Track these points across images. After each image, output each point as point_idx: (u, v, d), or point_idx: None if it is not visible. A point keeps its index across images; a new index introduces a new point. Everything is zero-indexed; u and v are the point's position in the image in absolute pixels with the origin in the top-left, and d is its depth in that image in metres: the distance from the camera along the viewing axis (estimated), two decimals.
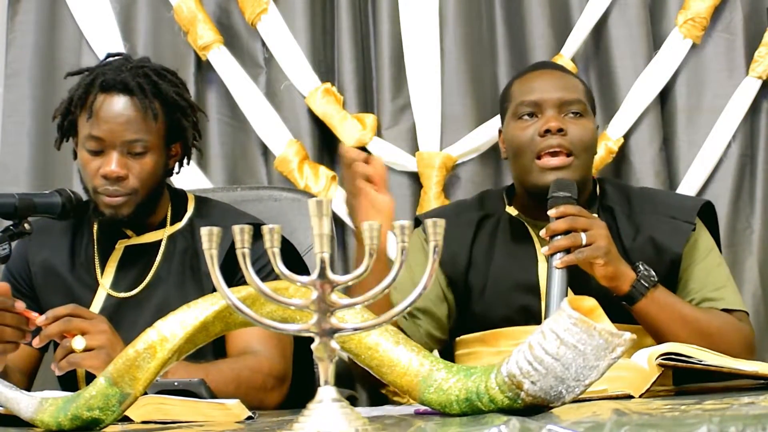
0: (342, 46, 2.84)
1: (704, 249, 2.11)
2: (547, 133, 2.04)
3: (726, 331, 2.01)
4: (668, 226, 2.09)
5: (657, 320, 1.96)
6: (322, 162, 2.83)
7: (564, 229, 1.91)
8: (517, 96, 2.11)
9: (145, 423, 1.51)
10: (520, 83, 2.14)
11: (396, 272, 1.22)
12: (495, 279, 2.11)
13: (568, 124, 2.06)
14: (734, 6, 2.76)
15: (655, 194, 2.23)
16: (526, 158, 2.06)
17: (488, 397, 1.29)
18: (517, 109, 2.10)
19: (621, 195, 2.16)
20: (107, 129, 2.05)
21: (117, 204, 2.06)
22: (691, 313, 2.00)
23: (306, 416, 1.20)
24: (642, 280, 1.95)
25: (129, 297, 2.12)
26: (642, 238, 2.08)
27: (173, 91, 2.12)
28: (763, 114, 2.77)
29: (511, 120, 2.11)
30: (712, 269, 2.10)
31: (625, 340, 1.25)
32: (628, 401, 1.51)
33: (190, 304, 1.39)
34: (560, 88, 2.10)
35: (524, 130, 2.07)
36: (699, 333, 1.96)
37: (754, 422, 1.04)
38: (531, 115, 2.08)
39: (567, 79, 2.15)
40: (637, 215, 2.11)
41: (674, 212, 2.11)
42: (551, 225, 1.92)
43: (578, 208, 1.95)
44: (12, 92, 2.95)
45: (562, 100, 2.08)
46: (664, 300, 1.97)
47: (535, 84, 2.12)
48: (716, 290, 2.07)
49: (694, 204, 2.16)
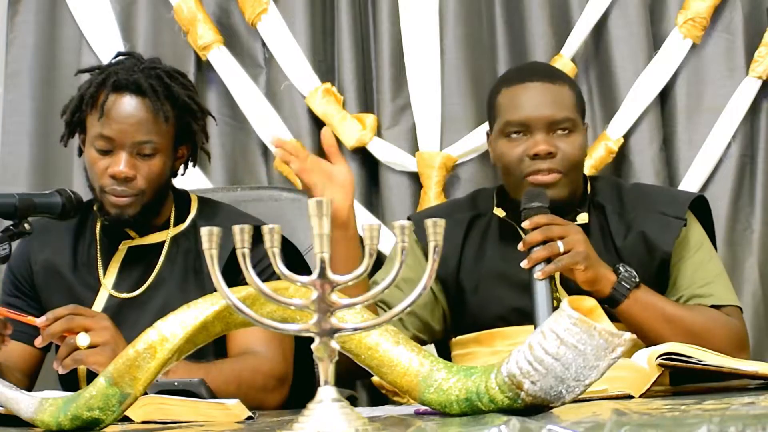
0: (342, 46, 2.84)
1: (694, 244, 2.10)
2: (537, 157, 2.04)
3: (711, 327, 2.00)
4: (659, 222, 2.08)
5: (640, 320, 1.95)
6: None
7: (540, 239, 1.91)
8: (505, 113, 2.08)
9: (145, 423, 1.51)
10: (508, 96, 2.10)
11: (396, 272, 1.22)
12: (487, 279, 2.11)
13: (557, 142, 2.05)
14: (734, 6, 2.76)
15: (648, 190, 2.22)
16: (514, 177, 2.06)
17: (488, 397, 1.29)
18: (505, 128, 2.08)
19: (613, 192, 2.15)
20: (118, 129, 2.04)
21: (123, 204, 2.06)
22: (675, 311, 1.99)
23: (306, 416, 1.20)
24: (623, 282, 1.95)
25: (131, 298, 2.12)
26: (633, 236, 2.07)
27: (185, 94, 2.11)
28: (763, 114, 2.76)
29: (499, 136, 2.09)
30: (701, 265, 2.09)
31: (625, 340, 1.25)
32: (628, 401, 1.52)
33: (190, 304, 1.39)
34: (549, 105, 2.06)
35: (513, 149, 2.06)
36: (683, 331, 1.95)
37: (754, 422, 1.04)
38: (519, 133, 2.07)
39: (555, 91, 2.09)
40: (629, 213, 2.10)
41: (665, 208, 2.10)
42: (527, 237, 1.92)
43: (551, 217, 1.94)
44: (12, 92, 2.95)
45: (550, 120, 2.05)
46: (647, 300, 1.97)
47: (523, 100, 2.07)
48: (705, 286, 2.06)
49: (685, 198, 2.14)
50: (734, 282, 2.68)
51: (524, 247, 1.92)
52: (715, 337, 1.97)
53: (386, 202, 2.80)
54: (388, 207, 2.79)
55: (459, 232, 2.15)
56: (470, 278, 2.13)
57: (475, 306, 2.11)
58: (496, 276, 2.11)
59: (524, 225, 1.93)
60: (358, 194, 2.80)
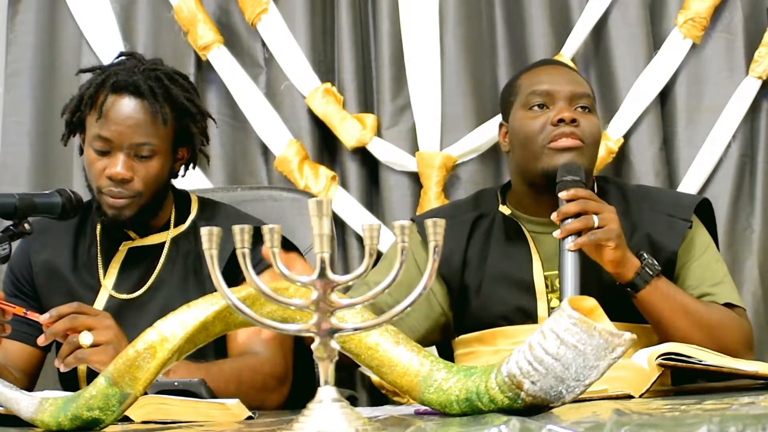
0: (342, 46, 2.84)
1: (701, 246, 2.11)
2: (560, 123, 2.04)
3: (727, 324, 2.01)
4: (664, 223, 2.09)
5: (659, 310, 1.96)
6: (322, 162, 2.83)
7: (576, 211, 1.91)
8: (527, 87, 2.11)
9: (145, 423, 1.51)
10: (529, 76, 2.15)
11: (396, 272, 1.22)
12: (490, 278, 2.11)
13: (579, 117, 2.07)
14: (734, 6, 2.76)
15: (652, 192, 2.23)
16: (536, 145, 2.05)
17: (488, 397, 1.29)
18: (528, 99, 2.09)
19: (618, 193, 2.16)
20: (115, 130, 2.04)
21: (120, 205, 2.06)
22: (693, 304, 2.00)
23: (306, 416, 1.20)
24: (647, 268, 1.95)
25: (131, 299, 2.12)
26: (638, 236, 2.08)
27: (184, 96, 2.11)
28: (763, 114, 2.76)
29: (520, 110, 2.11)
30: (709, 266, 2.10)
31: (625, 340, 1.25)
32: (628, 401, 1.51)
33: (190, 304, 1.39)
34: (570, 82, 2.11)
35: (535, 120, 2.07)
36: (700, 325, 1.96)
37: (754, 422, 1.04)
38: (541, 107, 2.08)
39: (575, 75, 2.18)
40: (634, 213, 2.11)
41: (671, 210, 2.11)
42: (562, 208, 1.92)
43: (589, 192, 1.95)
44: (12, 92, 2.95)
45: (573, 93, 2.09)
46: (667, 290, 1.97)
47: (545, 76, 2.12)
48: (714, 286, 2.07)
49: (691, 201, 2.16)
50: (734, 282, 2.69)
51: (558, 218, 1.92)
52: (729, 334, 1.99)
53: (386, 202, 2.80)
54: (388, 207, 2.79)
55: (463, 233, 2.15)
56: (474, 278, 2.13)
57: (478, 305, 2.11)
58: (499, 275, 2.11)
59: (561, 195, 1.93)
60: (358, 194, 2.80)
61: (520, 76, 2.18)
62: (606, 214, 1.92)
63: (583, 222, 1.90)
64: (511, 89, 2.17)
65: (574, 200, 1.92)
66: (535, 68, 2.19)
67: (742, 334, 2.03)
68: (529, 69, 2.20)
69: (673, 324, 1.94)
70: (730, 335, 1.99)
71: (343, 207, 2.78)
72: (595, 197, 1.96)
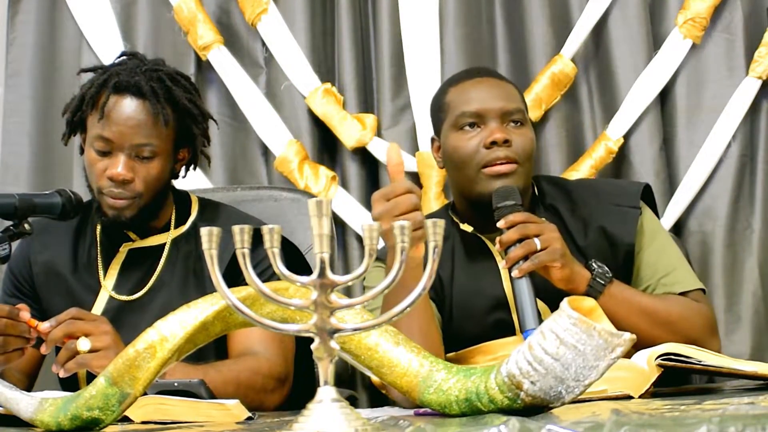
0: (342, 46, 2.84)
1: (650, 232, 2.11)
2: (493, 145, 2.03)
3: (687, 316, 2.01)
4: (615, 214, 2.09)
5: (617, 315, 1.94)
6: (322, 162, 2.83)
7: (516, 238, 1.90)
8: (457, 106, 2.09)
9: (145, 423, 1.51)
10: (458, 92, 2.11)
11: (396, 273, 1.22)
12: (461, 299, 2.10)
13: (511, 134, 2.05)
14: (734, 6, 2.76)
15: (595, 184, 2.24)
16: (470, 169, 2.05)
17: (488, 397, 1.29)
18: (458, 120, 2.07)
19: (560, 191, 2.15)
20: (117, 131, 2.04)
21: (120, 206, 2.06)
22: (650, 303, 2.00)
23: (306, 416, 1.20)
24: (597, 278, 1.95)
25: (131, 300, 2.11)
26: (592, 231, 2.08)
27: (186, 97, 2.11)
28: (763, 114, 2.76)
29: (451, 129, 2.09)
30: (662, 251, 2.10)
31: (625, 340, 1.25)
32: (628, 401, 1.51)
33: (190, 304, 1.39)
34: (500, 97, 2.08)
35: (467, 141, 2.06)
36: (660, 322, 1.96)
37: (754, 422, 1.04)
38: (472, 125, 2.07)
39: (505, 87, 2.13)
40: (582, 209, 2.11)
41: (617, 199, 2.11)
42: (502, 237, 1.91)
43: (526, 215, 1.94)
44: (12, 92, 2.95)
45: (503, 110, 2.06)
46: (621, 294, 1.97)
47: (474, 94, 2.09)
48: (669, 274, 2.07)
49: (636, 188, 2.16)
50: (734, 282, 2.69)
51: (501, 247, 1.91)
52: (691, 326, 1.99)
53: None
54: None
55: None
56: (445, 301, 2.11)
57: (452, 327, 2.09)
58: (471, 293, 2.09)
59: (499, 224, 1.92)
60: (358, 194, 2.80)
61: (447, 90, 2.14)
62: (547, 234, 1.91)
63: (525, 248, 1.89)
64: (440, 105, 2.14)
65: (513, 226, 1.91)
66: (463, 83, 2.13)
67: (704, 321, 2.03)
68: (456, 83, 2.15)
69: (634, 327, 1.92)
70: (691, 327, 1.99)
71: (343, 207, 2.78)
72: (534, 218, 1.94)
